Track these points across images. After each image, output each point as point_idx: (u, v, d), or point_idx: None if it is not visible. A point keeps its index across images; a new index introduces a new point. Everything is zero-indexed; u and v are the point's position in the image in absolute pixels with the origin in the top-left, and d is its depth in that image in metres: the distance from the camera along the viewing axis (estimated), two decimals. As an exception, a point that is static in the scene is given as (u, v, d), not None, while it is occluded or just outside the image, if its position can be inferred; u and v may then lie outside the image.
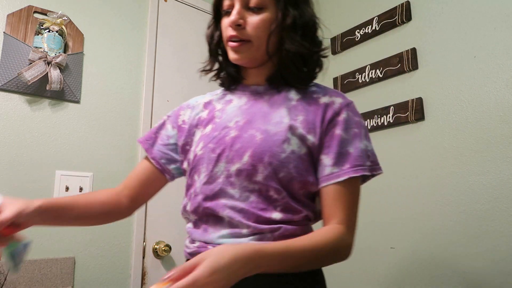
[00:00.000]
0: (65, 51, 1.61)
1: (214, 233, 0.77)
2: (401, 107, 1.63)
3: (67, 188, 1.55)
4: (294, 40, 0.80)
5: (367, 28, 1.82)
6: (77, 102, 1.64)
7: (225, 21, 0.82)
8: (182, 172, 0.93)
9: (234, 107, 0.86)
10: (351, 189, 0.77)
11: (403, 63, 1.64)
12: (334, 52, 1.97)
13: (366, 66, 1.79)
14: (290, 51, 0.80)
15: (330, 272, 1.79)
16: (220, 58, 0.90)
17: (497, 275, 1.29)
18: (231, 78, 0.90)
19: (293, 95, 0.84)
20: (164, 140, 0.93)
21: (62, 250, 1.51)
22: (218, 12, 0.87)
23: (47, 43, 1.53)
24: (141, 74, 1.85)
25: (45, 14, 1.58)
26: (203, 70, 0.92)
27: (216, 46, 0.88)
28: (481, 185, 1.37)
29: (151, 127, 1.80)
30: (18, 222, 0.72)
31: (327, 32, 2.01)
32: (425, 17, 1.62)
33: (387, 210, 1.63)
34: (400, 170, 1.61)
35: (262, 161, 0.75)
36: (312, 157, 0.78)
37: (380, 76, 1.73)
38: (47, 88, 1.51)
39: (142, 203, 0.95)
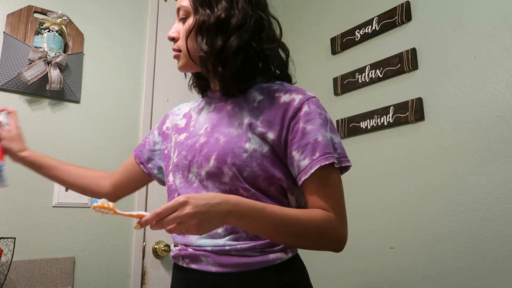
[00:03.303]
0: (65, 51, 1.61)
1: (193, 235, 0.78)
2: (401, 107, 1.63)
3: (67, 188, 1.55)
4: (206, 40, 0.80)
5: (367, 28, 1.82)
6: (77, 102, 1.64)
7: None
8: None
9: (204, 114, 0.90)
10: (329, 178, 0.77)
11: (403, 63, 1.64)
12: (334, 52, 1.97)
13: (366, 66, 1.79)
14: (201, 54, 0.81)
15: (329, 272, 1.79)
16: None
17: (498, 275, 1.29)
18: (199, 85, 0.96)
19: (257, 95, 0.85)
20: (151, 146, 1.02)
21: (62, 250, 1.51)
22: None
23: (47, 43, 1.53)
24: (141, 74, 1.85)
25: (45, 14, 1.58)
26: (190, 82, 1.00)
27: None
28: (481, 185, 1.37)
29: (151, 127, 1.80)
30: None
31: (326, 32, 2.02)
32: (425, 17, 1.62)
33: (387, 210, 1.63)
34: (400, 170, 1.61)
35: (226, 162, 0.77)
36: (275, 153, 0.79)
37: (380, 76, 1.73)
38: (47, 88, 1.51)
39: (124, 194, 1.05)
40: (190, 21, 0.83)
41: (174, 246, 0.86)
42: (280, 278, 0.77)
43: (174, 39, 0.87)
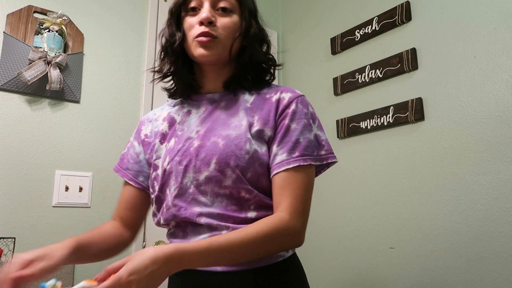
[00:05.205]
0: (65, 51, 1.61)
1: (195, 238, 0.79)
2: (401, 107, 1.63)
3: (66, 188, 1.55)
4: (256, 49, 0.87)
5: (367, 28, 1.82)
6: (77, 102, 1.64)
7: (192, 20, 0.85)
8: None
9: (194, 117, 0.88)
10: (299, 177, 0.78)
11: (403, 63, 1.64)
12: (334, 52, 1.97)
13: (366, 66, 1.79)
14: (253, 58, 0.86)
15: (329, 272, 1.79)
16: (176, 62, 0.91)
17: (498, 275, 1.29)
18: (185, 87, 0.91)
19: (248, 97, 0.87)
20: (134, 158, 0.93)
21: (62, 250, 1.51)
22: (179, 13, 0.90)
23: (47, 43, 1.53)
24: (141, 74, 1.85)
25: (45, 14, 1.58)
26: (155, 71, 0.95)
27: (178, 46, 0.88)
28: (481, 185, 1.37)
29: (151, 127, 1.80)
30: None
31: (326, 32, 2.02)
32: (425, 17, 1.62)
33: (387, 210, 1.63)
34: (400, 170, 1.61)
35: (229, 165, 0.77)
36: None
37: (380, 76, 1.73)
38: (47, 88, 1.51)
39: (140, 225, 0.96)
40: (236, 18, 0.85)
41: None
42: (282, 276, 0.78)
43: (211, 23, 0.83)
